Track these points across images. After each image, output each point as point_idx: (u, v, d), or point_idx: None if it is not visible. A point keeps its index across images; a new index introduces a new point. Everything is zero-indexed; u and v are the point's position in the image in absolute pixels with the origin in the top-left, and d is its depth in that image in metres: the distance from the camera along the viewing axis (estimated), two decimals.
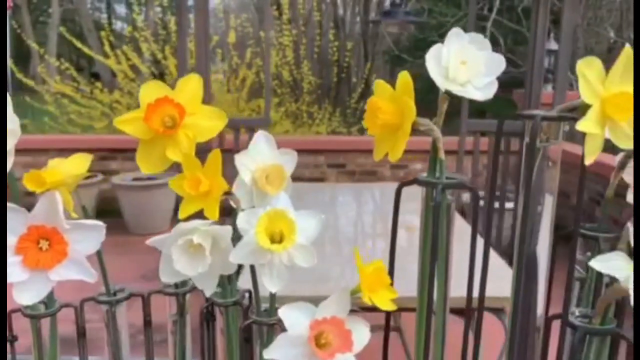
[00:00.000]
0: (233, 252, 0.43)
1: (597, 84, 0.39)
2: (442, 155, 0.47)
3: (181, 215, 0.43)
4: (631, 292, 0.40)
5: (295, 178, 0.49)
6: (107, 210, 3.42)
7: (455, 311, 0.52)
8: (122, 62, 4.44)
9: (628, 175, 0.48)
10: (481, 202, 3.19)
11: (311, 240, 0.44)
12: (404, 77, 0.43)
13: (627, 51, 0.39)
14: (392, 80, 0.45)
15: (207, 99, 3.12)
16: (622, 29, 4.77)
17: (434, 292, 0.46)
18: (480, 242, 0.47)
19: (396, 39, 6.41)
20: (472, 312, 0.48)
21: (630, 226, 0.44)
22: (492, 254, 1.15)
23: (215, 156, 0.44)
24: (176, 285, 0.55)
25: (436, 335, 0.49)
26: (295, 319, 0.42)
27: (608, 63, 0.47)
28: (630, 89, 0.39)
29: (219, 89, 4.35)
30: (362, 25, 6.93)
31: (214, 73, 4.37)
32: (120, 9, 8.69)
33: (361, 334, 0.43)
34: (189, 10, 2.99)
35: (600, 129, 0.39)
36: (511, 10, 5.75)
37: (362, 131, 5.01)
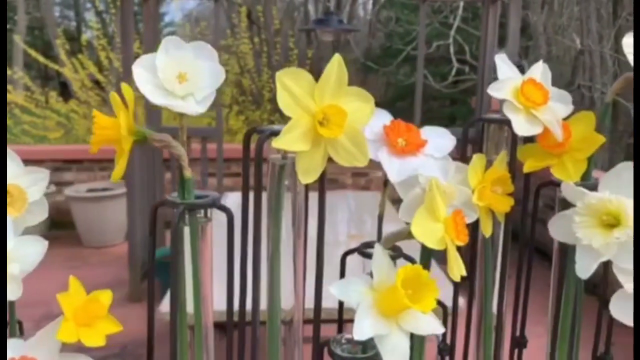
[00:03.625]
0: None
1: (305, 96, 0.36)
2: (187, 173, 0.43)
3: None
4: (356, 321, 0.37)
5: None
6: (60, 222, 3.33)
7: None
8: (80, 71, 4.36)
9: (400, 188, 0.45)
10: None
11: (32, 268, 0.40)
12: (126, 90, 0.40)
13: (337, 59, 0.36)
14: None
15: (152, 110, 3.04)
16: (582, 37, 4.80)
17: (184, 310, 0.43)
18: None
19: (367, 47, 6.41)
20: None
21: (378, 246, 0.41)
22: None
23: None
24: None
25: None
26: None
27: (575, 70, 0.44)
28: (341, 102, 0.35)
29: None
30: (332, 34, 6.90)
31: None
32: (90, 17, 8.57)
33: None
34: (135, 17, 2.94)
35: (308, 146, 0.36)
36: (476, 19, 5.77)
37: None
